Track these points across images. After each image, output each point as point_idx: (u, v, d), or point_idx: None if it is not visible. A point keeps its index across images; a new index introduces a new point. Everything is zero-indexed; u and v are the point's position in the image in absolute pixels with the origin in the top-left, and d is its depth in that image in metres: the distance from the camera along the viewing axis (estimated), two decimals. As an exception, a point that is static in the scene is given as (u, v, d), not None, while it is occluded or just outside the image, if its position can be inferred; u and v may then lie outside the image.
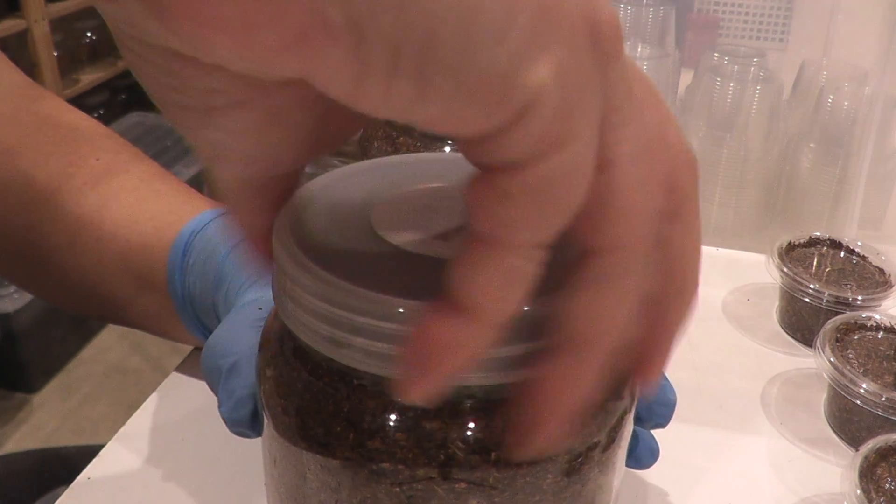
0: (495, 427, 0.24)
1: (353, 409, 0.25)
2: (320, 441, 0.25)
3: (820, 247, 0.59)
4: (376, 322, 0.22)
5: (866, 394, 0.44)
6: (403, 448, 0.24)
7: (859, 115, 0.63)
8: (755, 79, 0.67)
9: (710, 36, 0.73)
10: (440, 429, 0.24)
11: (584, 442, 0.26)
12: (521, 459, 0.24)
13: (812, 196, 0.67)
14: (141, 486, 0.43)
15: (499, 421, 0.24)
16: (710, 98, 0.67)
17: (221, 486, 0.43)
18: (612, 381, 0.23)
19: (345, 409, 0.25)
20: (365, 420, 0.24)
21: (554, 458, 0.25)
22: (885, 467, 0.40)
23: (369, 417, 0.24)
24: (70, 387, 1.70)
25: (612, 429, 0.27)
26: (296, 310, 0.24)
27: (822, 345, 0.48)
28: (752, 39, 0.72)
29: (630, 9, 0.68)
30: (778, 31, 0.72)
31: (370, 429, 0.24)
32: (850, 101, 0.64)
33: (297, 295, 0.24)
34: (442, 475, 0.24)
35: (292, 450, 0.26)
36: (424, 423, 0.24)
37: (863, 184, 0.64)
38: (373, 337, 0.23)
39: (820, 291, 0.53)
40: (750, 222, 0.69)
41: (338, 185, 0.30)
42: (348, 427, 0.25)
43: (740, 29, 0.72)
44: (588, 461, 0.26)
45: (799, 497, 0.43)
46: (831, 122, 0.65)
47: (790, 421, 0.49)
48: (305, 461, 0.26)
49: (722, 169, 0.67)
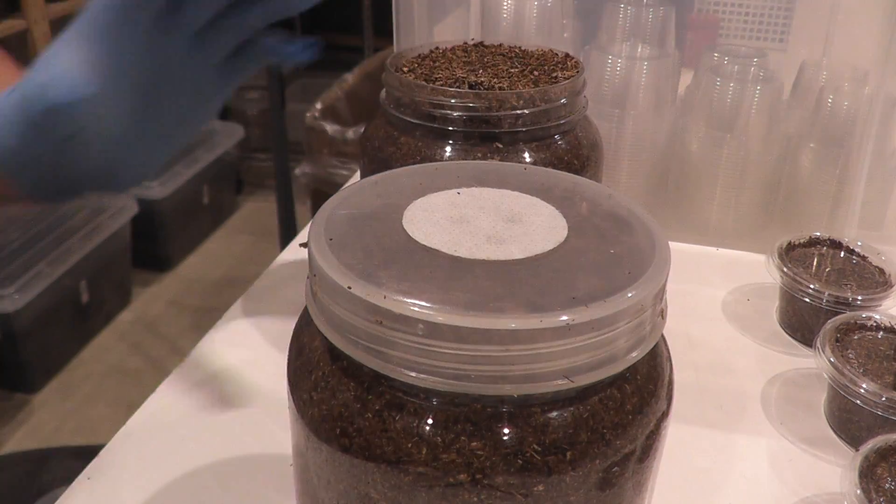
0: (566, 428, 0.25)
1: (422, 424, 0.25)
2: (389, 459, 0.25)
3: (820, 247, 0.59)
4: (435, 343, 0.23)
5: (866, 394, 0.44)
6: (481, 457, 0.24)
7: (859, 115, 0.63)
8: (755, 79, 0.67)
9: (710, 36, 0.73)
10: (516, 435, 0.25)
11: (625, 445, 0.26)
12: None
13: (812, 196, 0.67)
14: (141, 486, 0.43)
15: (564, 423, 0.25)
16: (710, 98, 0.67)
17: (221, 485, 0.43)
18: None
19: (414, 425, 0.25)
20: (438, 433, 0.24)
21: (602, 456, 0.26)
22: (885, 467, 0.40)
23: (442, 430, 0.24)
24: (70, 387, 1.70)
25: (650, 433, 0.27)
26: (360, 333, 0.25)
27: (822, 345, 0.48)
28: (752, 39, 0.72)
29: (630, 9, 0.68)
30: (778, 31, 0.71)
31: (444, 442, 0.24)
32: (850, 101, 0.64)
33: (358, 320, 0.25)
34: (521, 482, 0.25)
35: (354, 471, 0.26)
36: (499, 428, 0.24)
37: (863, 184, 0.64)
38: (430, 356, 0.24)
39: (820, 291, 0.53)
40: (750, 222, 0.69)
41: (366, 191, 0.31)
42: (420, 442, 0.25)
43: (740, 29, 0.72)
44: (626, 468, 0.27)
45: (799, 497, 0.43)
46: (831, 122, 0.65)
47: (790, 421, 0.49)
48: (371, 481, 0.26)
49: (722, 169, 0.67)
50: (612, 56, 0.67)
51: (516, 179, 0.33)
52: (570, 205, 0.31)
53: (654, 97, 0.68)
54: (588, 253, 0.28)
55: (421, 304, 0.23)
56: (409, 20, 0.70)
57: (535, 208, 0.30)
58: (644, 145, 0.69)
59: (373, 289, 0.24)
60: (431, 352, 0.24)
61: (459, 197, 0.31)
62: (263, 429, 0.47)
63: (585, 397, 0.26)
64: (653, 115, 0.68)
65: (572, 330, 0.24)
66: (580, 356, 0.24)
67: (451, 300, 0.24)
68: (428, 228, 0.28)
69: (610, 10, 0.69)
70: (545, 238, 0.28)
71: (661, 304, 0.28)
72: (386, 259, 0.26)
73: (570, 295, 0.25)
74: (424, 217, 0.29)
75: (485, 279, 0.25)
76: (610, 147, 0.68)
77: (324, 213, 0.29)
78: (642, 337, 0.26)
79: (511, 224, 0.29)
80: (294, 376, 0.28)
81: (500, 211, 0.30)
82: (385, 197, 0.30)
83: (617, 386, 0.26)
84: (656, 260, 0.27)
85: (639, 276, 0.26)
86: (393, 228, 0.28)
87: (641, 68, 0.67)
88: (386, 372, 0.24)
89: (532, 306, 0.24)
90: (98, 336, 1.84)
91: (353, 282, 0.24)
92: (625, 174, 0.70)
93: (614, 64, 0.67)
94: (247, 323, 0.57)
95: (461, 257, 0.26)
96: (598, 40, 0.71)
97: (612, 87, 0.67)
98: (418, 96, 0.48)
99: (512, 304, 0.24)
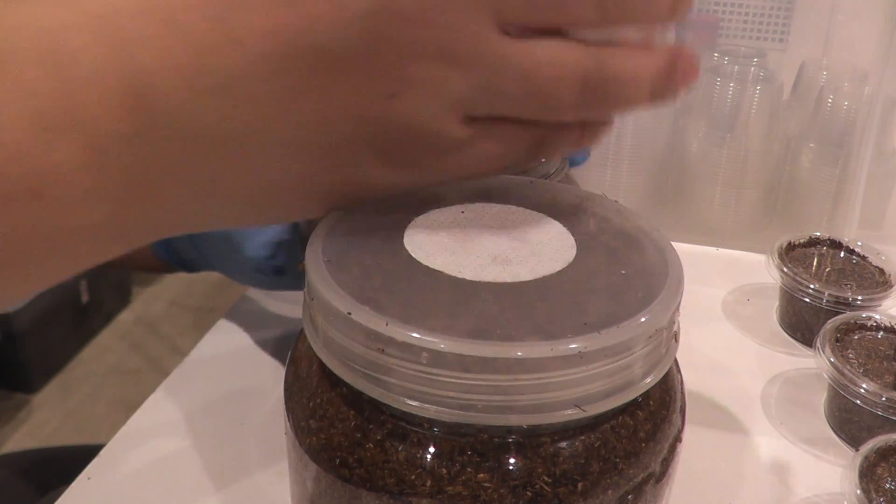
0: (577, 458, 0.24)
1: (426, 455, 0.24)
2: (392, 491, 0.24)
3: (820, 247, 0.59)
4: (441, 372, 0.22)
5: (866, 394, 0.44)
6: (488, 489, 0.23)
7: (859, 115, 0.63)
8: (755, 79, 0.67)
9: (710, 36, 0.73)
10: (525, 466, 0.24)
11: (638, 473, 0.25)
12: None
13: (812, 196, 0.67)
14: (141, 486, 0.43)
15: (575, 453, 0.24)
16: (710, 98, 0.67)
17: (221, 485, 0.43)
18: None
19: (417, 456, 0.24)
20: (443, 464, 0.24)
21: (615, 486, 0.25)
22: (885, 467, 0.40)
23: (447, 461, 0.24)
24: (70, 387, 1.70)
25: (664, 459, 0.26)
26: (357, 361, 0.24)
27: (822, 345, 0.48)
28: (752, 39, 0.72)
29: (630, 9, 0.68)
30: (778, 31, 0.71)
31: (449, 474, 0.23)
32: (850, 101, 0.64)
33: (357, 349, 0.24)
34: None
35: (356, 502, 0.25)
36: (506, 459, 0.24)
37: (863, 184, 0.64)
38: (441, 387, 0.23)
39: (820, 291, 0.53)
40: (750, 222, 0.69)
41: (366, 208, 0.30)
42: (424, 474, 0.24)
43: (740, 29, 0.72)
44: (640, 495, 0.26)
45: (799, 497, 0.43)
46: (831, 122, 0.65)
47: (790, 421, 0.49)
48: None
49: (722, 169, 0.67)
50: (612, 56, 0.67)
51: (521, 194, 0.32)
52: (578, 221, 0.30)
53: (654, 97, 0.68)
54: (598, 274, 0.27)
55: (424, 332, 0.22)
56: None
57: (541, 225, 0.29)
58: (644, 145, 0.69)
59: (374, 315, 0.23)
60: (435, 381, 0.23)
61: (463, 214, 0.29)
62: (263, 429, 0.47)
63: (597, 426, 0.25)
64: (653, 115, 0.68)
65: (584, 358, 0.23)
66: (592, 384, 0.23)
67: (456, 327, 0.23)
68: (430, 248, 0.27)
69: (610, 10, 0.69)
70: (553, 258, 0.27)
71: (675, 327, 0.27)
72: (387, 281, 0.25)
73: (581, 320, 0.24)
74: (427, 236, 0.28)
75: (491, 303, 0.24)
76: (610, 147, 0.68)
77: (321, 231, 0.27)
78: (656, 361, 0.25)
79: (517, 243, 0.28)
80: (291, 401, 0.27)
81: (506, 229, 0.29)
82: (385, 213, 0.29)
83: (629, 413, 0.26)
84: (669, 280, 0.26)
85: (652, 298, 0.25)
86: (394, 248, 0.27)
87: (641, 68, 0.67)
88: (387, 401, 0.23)
89: (542, 333, 0.23)
90: (98, 336, 1.85)
91: (353, 307, 0.23)
92: (625, 174, 0.70)
93: (614, 64, 0.67)
94: (247, 323, 0.57)
95: (466, 279, 0.25)
96: (598, 40, 0.70)
97: (612, 87, 0.67)
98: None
99: (520, 330, 0.23)
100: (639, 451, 0.25)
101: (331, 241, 0.27)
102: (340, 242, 0.27)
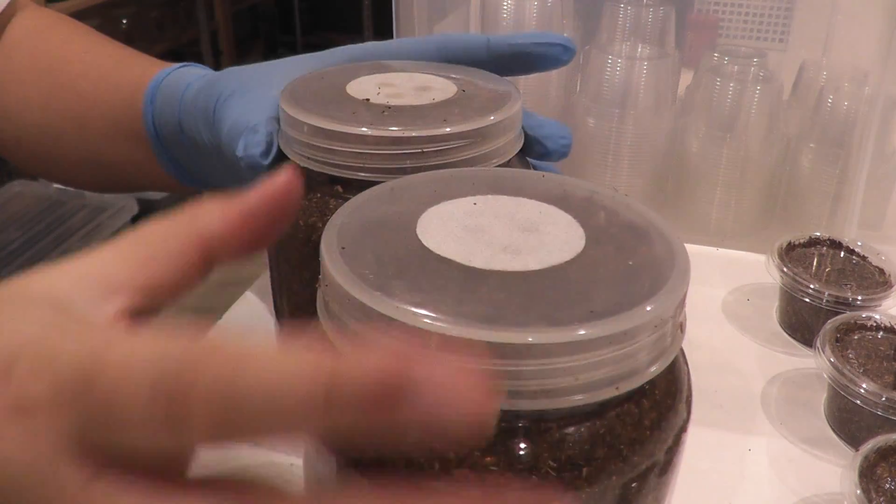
0: (582, 444, 0.25)
1: None
2: (400, 472, 0.24)
3: (820, 247, 0.59)
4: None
5: (866, 394, 0.44)
6: (495, 473, 0.24)
7: (859, 115, 0.63)
8: (755, 79, 0.67)
9: (710, 36, 0.73)
10: (531, 450, 0.24)
11: (643, 462, 0.26)
12: None
13: (812, 196, 0.67)
14: (141, 486, 0.43)
15: (580, 439, 0.25)
16: (710, 98, 0.67)
17: (221, 486, 0.43)
18: None
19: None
20: (451, 448, 0.23)
21: (619, 473, 0.25)
22: (885, 467, 0.40)
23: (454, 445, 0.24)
24: (70, 387, 1.70)
25: (669, 448, 0.27)
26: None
27: (822, 345, 0.48)
28: (752, 39, 0.72)
29: (630, 9, 0.68)
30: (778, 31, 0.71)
31: (457, 457, 0.24)
32: (850, 101, 0.64)
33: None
34: None
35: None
36: (514, 444, 0.24)
37: (863, 184, 0.64)
38: None
39: (820, 291, 0.53)
40: (750, 222, 0.69)
41: (380, 198, 0.31)
42: (432, 457, 0.24)
43: (740, 29, 0.72)
44: (644, 484, 0.26)
45: (799, 497, 0.43)
46: (831, 122, 0.65)
47: (790, 421, 0.49)
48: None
49: (722, 169, 0.67)
50: (611, 56, 0.67)
51: (533, 187, 0.32)
52: (587, 213, 0.31)
53: (654, 97, 0.68)
54: (606, 264, 0.27)
55: (434, 317, 0.23)
56: (409, 20, 0.70)
57: (551, 217, 0.30)
58: (644, 145, 0.69)
59: (386, 300, 0.24)
60: None
61: (475, 205, 0.30)
62: (263, 429, 0.47)
63: (602, 413, 0.25)
64: (653, 115, 0.68)
65: (590, 344, 0.23)
66: (598, 371, 0.24)
67: (465, 313, 0.24)
68: (442, 237, 0.28)
69: (610, 10, 0.69)
70: (562, 249, 0.28)
71: (681, 317, 0.27)
72: (399, 269, 0.26)
73: (587, 308, 0.24)
74: (439, 225, 0.28)
75: (500, 291, 0.25)
76: (610, 147, 0.68)
77: (337, 220, 0.28)
78: (662, 351, 0.26)
79: (527, 234, 0.29)
80: None
81: (516, 220, 0.30)
82: (399, 204, 0.30)
83: (634, 401, 0.26)
84: (675, 271, 0.27)
85: (658, 288, 0.26)
86: (407, 237, 0.28)
87: (641, 68, 0.67)
88: None
89: (549, 320, 0.24)
90: (98, 336, 1.84)
91: (365, 292, 0.24)
92: (625, 174, 0.70)
93: (614, 64, 0.67)
94: (247, 323, 0.57)
95: (476, 268, 0.26)
96: (598, 40, 0.71)
97: (612, 87, 0.67)
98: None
99: (528, 317, 0.24)
100: (643, 439, 0.26)
101: (345, 230, 0.28)
102: (355, 231, 0.28)
